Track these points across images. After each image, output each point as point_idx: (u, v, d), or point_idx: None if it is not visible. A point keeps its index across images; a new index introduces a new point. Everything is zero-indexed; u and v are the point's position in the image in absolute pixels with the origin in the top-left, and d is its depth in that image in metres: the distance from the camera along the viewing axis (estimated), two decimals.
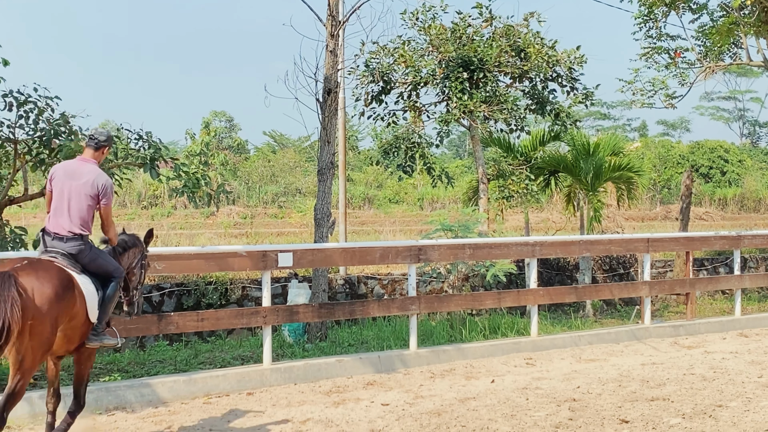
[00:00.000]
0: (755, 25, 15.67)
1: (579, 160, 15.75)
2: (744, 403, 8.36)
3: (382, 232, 24.73)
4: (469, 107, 13.64)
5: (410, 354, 10.48)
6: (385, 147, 14.84)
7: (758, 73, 76.99)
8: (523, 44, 14.23)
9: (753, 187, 48.48)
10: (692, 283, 13.91)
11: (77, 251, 6.62)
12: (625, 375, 9.81)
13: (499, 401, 8.48)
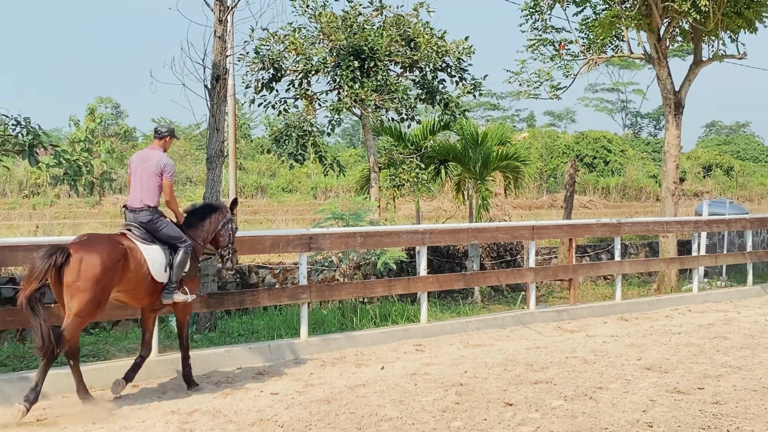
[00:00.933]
0: (636, 18, 16.20)
1: (468, 150, 16.03)
2: (623, 385, 8.68)
3: (275, 221, 24.64)
4: (361, 96, 13.70)
5: (301, 343, 10.50)
6: (276, 135, 14.78)
7: (640, 66, 79.59)
8: (413, 34, 14.38)
9: (634, 176, 50.18)
10: (575, 269, 14.36)
11: (147, 220, 8.25)
12: (511, 359, 10.07)
13: (388, 387, 8.60)
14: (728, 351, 10.53)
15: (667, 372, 9.30)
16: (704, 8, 14.84)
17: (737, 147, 75.16)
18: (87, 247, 7.62)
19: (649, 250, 19.72)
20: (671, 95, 16.75)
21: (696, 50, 17.24)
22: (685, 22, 16.94)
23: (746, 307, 14.85)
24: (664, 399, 8.06)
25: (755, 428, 7.03)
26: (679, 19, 16.41)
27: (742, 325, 12.65)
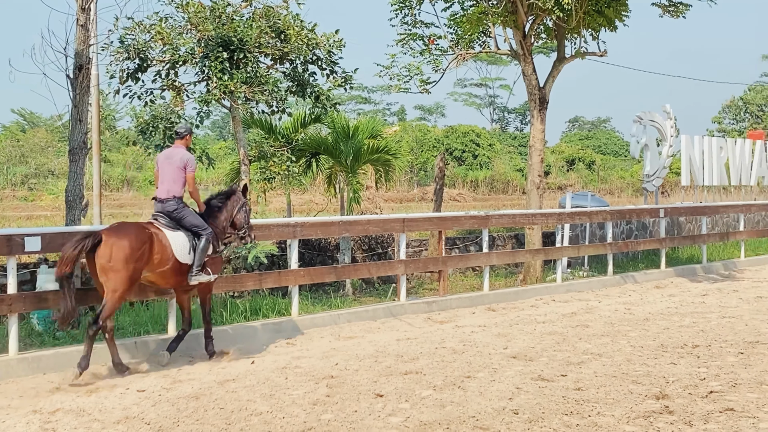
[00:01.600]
0: (502, 14, 16.54)
1: (339, 143, 16.05)
2: (490, 374, 8.87)
3: (143, 215, 24.05)
4: (230, 88, 13.50)
5: (168, 339, 10.28)
6: (143, 127, 14.38)
7: (507, 62, 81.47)
8: (283, 26, 14.25)
9: (502, 169, 51.32)
10: (444, 261, 14.57)
11: (173, 209, 9.49)
12: (381, 351, 10.14)
13: (258, 382, 8.52)
14: (590, 339, 10.90)
15: (532, 360, 9.55)
16: (567, 6, 15.27)
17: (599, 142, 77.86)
18: (117, 233, 8.88)
19: (516, 241, 20.22)
20: (536, 91, 17.19)
21: (559, 47, 17.74)
22: (549, 20, 17.41)
23: (607, 296, 15.40)
24: (529, 386, 8.27)
25: (615, 413, 7.29)
26: (543, 16, 16.84)
27: (603, 314, 13.11)
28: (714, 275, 18.79)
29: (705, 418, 7.07)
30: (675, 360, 9.49)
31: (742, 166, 25.54)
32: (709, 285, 16.89)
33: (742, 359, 9.49)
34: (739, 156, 25.41)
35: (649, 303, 14.37)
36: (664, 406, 7.46)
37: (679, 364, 9.24)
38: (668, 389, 8.09)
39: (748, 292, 15.57)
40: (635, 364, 9.30)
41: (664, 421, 7.01)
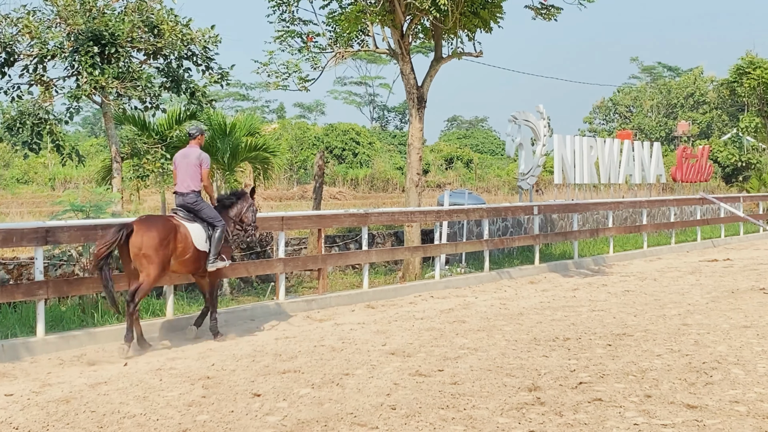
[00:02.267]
0: (380, 14, 16.63)
1: (216, 140, 15.82)
2: (369, 371, 8.91)
3: (9, 214, 23.18)
4: (101, 83, 13.16)
5: (37, 341, 9.96)
6: (9, 123, 13.88)
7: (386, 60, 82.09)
8: (157, 20, 13.97)
9: (382, 168, 51.65)
10: (324, 259, 14.57)
11: (192, 202, 10.67)
12: (259, 350, 10.06)
13: (131, 384, 8.33)
14: (466, 334, 11.08)
15: (410, 356, 9.64)
16: (444, 7, 15.46)
17: (476, 141, 79.37)
18: (146, 224, 10.14)
19: (395, 239, 20.36)
20: (414, 90, 17.36)
21: (437, 47, 17.96)
22: (426, 20, 17.60)
23: (483, 292, 15.70)
24: (406, 382, 8.34)
25: (489, 405, 7.43)
26: (420, 16, 17.01)
27: (479, 309, 13.35)
28: (585, 270, 19.39)
29: (574, 408, 7.28)
30: (547, 353, 9.74)
31: (611, 164, 26.42)
32: (580, 280, 17.42)
33: (610, 351, 9.81)
34: (608, 155, 26.28)
35: (523, 298, 14.71)
36: (536, 398, 7.65)
37: (550, 357, 9.49)
38: (540, 381, 8.30)
39: (616, 287, 16.12)
40: (509, 357, 9.51)
41: (535, 412, 7.19)
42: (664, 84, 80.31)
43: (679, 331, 11.06)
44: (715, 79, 70.64)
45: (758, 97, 41.36)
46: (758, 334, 10.65)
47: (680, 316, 12.32)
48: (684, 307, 13.15)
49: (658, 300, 14.10)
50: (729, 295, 14.46)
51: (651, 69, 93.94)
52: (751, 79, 40.56)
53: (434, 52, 18.07)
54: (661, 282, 16.74)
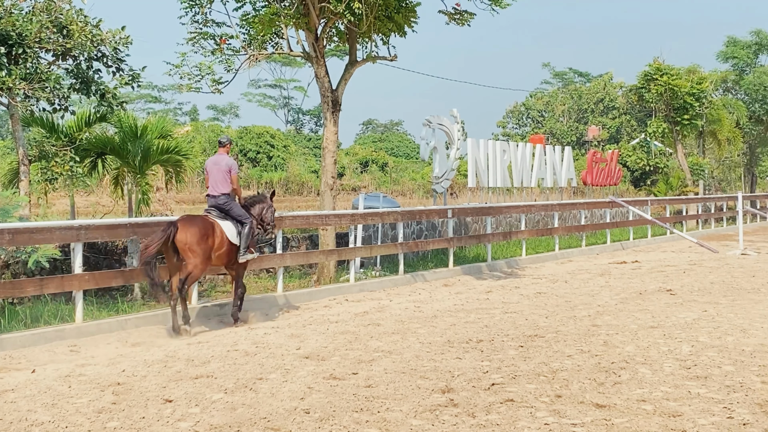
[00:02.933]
0: (295, 16, 16.57)
1: (127, 143, 15.55)
2: (283, 375, 8.87)
3: None
4: (8, 84, 12.81)
5: None
6: None
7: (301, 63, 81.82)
8: (66, 21, 13.66)
9: (297, 171, 51.44)
10: None
11: (223, 203, 12.26)
12: (171, 356, 9.92)
13: (40, 391, 8.12)
14: (381, 337, 11.11)
15: (325, 360, 9.63)
16: (358, 11, 15.50)
17: (391, 144, 79.71)
18: (189, 222, 11.74)
19: (310, 242, 20.30)
20: (329, 93, 17.35)
21: (351, 51, 17.99)
22: (341, 23, 17.61)
23: (398, 295, 15.77)
24: (321, 386, 8.33)
25: (403, 408, 7.47)
26: (335, 20, 17.02)
27: (394, 312, 13.41)
28: (498, 273, 19.65)
29: (487, 410, 7.37)
30: (460, 355, 9.84)
31: (523, 168, 26.86)
32: (494, 282, 17.65)
33: (522, 352, 9.96)
34: (521, 159, 26.71)
35: (437, 300, 14.83)
36: (449, 399, 7.72)
37: (464, 359, 9.59)
38: (453, 383, 8.38)
39: (528, 289, 16.38)
40: (423, 360, 9.57)
41: (449, 414, 7.25)
42: (575, 89, 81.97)
43: (589, 332, 11.29)
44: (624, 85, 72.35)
45: (665, 103, 42.52)
46: (665, 334, 10.94)
47: (590, 317, 12.58)
48: (594, 309, 13.43)
49: (569, 302, 14.37)
50: (637, 297, 14.82)
51: (562, 74, 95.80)
52: (658, 85, 41.69)
53: (349, 55, 18.10)
54: (572, 284, 17.07)
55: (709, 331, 11.17)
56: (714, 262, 21.53)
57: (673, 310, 13.14)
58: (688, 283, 16.79)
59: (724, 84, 51.62)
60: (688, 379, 8.42)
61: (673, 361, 9.26)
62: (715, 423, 6.84)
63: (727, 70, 52.20)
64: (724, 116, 45.87)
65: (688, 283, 16.79)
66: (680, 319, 12.15)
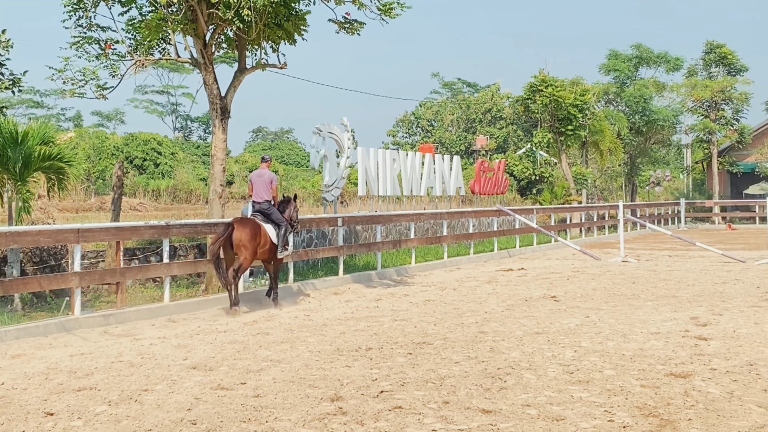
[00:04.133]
0: (182, 22, 16.33)
1: (7, 149, 15.04)
2: (169, 386, 8.72)
3: None
4: None
5: None
6: None
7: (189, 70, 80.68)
8: None
9: (185, 179, 50.61)
10: (122, 272, 14.14)
11: (266, 208, 15.26)
12: (53, 368, 9.63)
13: None
14: (270, 346, 11.04)
15: (212, 370, 9.51)
16: (247, 18, 15.40)
17: (282, 152, 79.32)
18: (243, 224, 14.60)
19: (199, 251, 20.01)
20: (218, 100, 17.16)
21: (240, 58, 17.84)
22: (230, 30, 17.44)
23: (287, 303, 15.69)
24: (208, 396, 8.22)
25: (291, 417, 7.44)
26: (224, 26, 16.84)
27: (283, 321, 13.35)
28: (388, 281, 19.79)
29: (376, 417, 7.41)
30: (350, 363, 9.86)
31: (413, 177, 27.12)
32: (383, 290, 17.76)
33: (410, 359, 10.05)
34: (410, 168, 26.97)
35: (327, 309, 14.83)
36: (338, 408, 7.73)
37: (353, 367, 9.62)
38: (342, 391, 8.39)
39: (417, 296, 16.54)
40: (312, 368, 9.56)
41: (337, 422, 7.26)
42: (464, 99, 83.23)
43: (476, 338, 11.47)
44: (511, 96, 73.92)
45: (550, 114, 43.60)
46: (549, 340, 11.21)
47: (477, 324, 12.78)
48: (481, 316, 13.66)
49: (457, 309, 14.58)
50: (523, 303, 15.14)
51: (451, 84, 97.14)
52: (543, 96, 42.74)
53: (238, 62, 17.94)
54: (460, 291, 17.32)
55: (591, 336, 11.50)
56: (596, 269, 22.18)
57: (557, 316, 13.48)
58: (572, 289, 17.25)
59: (606, 96, 53.31)
60: (570, 383, 8.64)
61: (557, 366, 9.49)
62: (596, 426, 7.04)
63: (608, 82, 53.93)
64: (606, 127, 47.33)
65: (572, 289, 17.25)
66: (564, 325, 12.47)
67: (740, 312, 13.59)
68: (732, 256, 24.35)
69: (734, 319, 12.78)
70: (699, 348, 10.51)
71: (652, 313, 13.69)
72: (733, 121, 58.74)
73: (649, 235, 39.56)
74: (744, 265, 22.38)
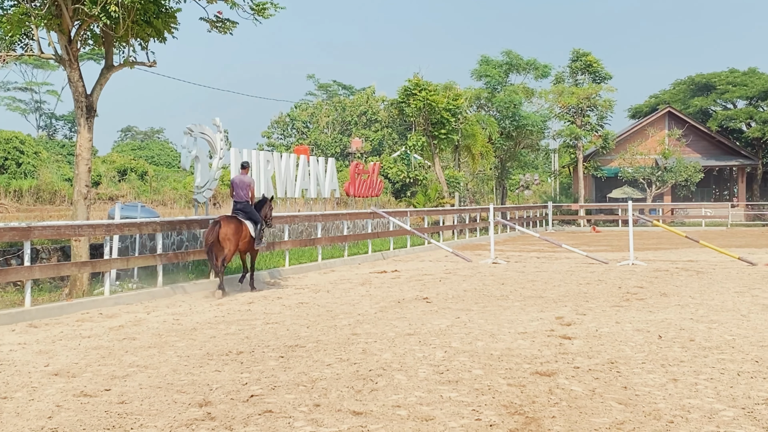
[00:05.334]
0: (46, 17, 15.78)
1: None
2: (29, 393, 8.36)
3: None
4: None
5: None
6: None
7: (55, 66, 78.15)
8: None
9: (49, 179, 48.91)
10: None
11: (243, 207, 17.68)
12: None
13: None
14: (137, 351, 10.73)
15: (76, 376, 9.17)
16: (114, 14, 14.98)
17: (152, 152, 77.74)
18: (228, 221, 17.07)
19: (62, 254, 19.35)
20: (83, 98, 16.62)
21: (108, 55, 17.35)
22: (96, 26, 16.93)
23: (156, 308, 15.32)
24: (70, 403, 7.91)
25: (158, 424, 7.22)
26: (90, 22, 16.35)
27: (151, 325, 13.01)
28: (260, 283, 19.56)
29: (245, 422, 7.27)
30: (220, 367, 9.67)
31: (287, 179, 26.95)
32: (256, 293, 17.54)
33: (282, 363, 9.93)
34: (285, 169, 26.78)
35: (197, 313, 14.54)
36: (206, 413, 7.55)
37: (223, 371, 9.43)
38: (212, 396, 8.21)
39: (290, 299, 16.41)
40: (181, 373, 9.33)
41: (205, 428, 7.09)
42: (339, 102, 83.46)
43: (349, 340, 11.44)
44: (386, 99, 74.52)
45: (424, 118, 44.17)
46: (420, 341, 11.28)
47: (350, 326, 12.76)
48: (354, 318, 13.65)
49: (330, 311, 14.52)
50: (396, 305, 15.21)
51: (327, 86, 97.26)
52: (417, 100, 43.25)
53: (105, 59, 17.45)
54: (334, 293, 17.28)
55: (461, 336, 11.63)
56: (468, 270, 22.52)
57: (429, 317, 13.59)
58: (444, 291, 17.45)
59: (478, 101, 54.43)
60: (440, 383, 8.70)
61: (428, 367, 9.55)
62: (464, 425, 7.10)
63: (480, 87, 55.07)
64: (477, 131, 48.27)
65: (444, 291, 17.45)
66: (435, 326, 12.57)
67: (602, 312, 14.01)
68: (596, 257, 25.13)
69: (597, 319, 13.17)
70: (563, 347, 10.76)
71: (520, 313, 13.97)
72: (597, 127, 60.96)
73: (519, 238, 40.50)
74: (607, 267, 23.13)
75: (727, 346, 10.69)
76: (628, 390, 8.34)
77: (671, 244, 34.00)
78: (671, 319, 13.02)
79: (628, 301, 15.33)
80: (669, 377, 8.89)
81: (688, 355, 10.09)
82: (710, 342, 10.98)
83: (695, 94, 69.87)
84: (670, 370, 9.27)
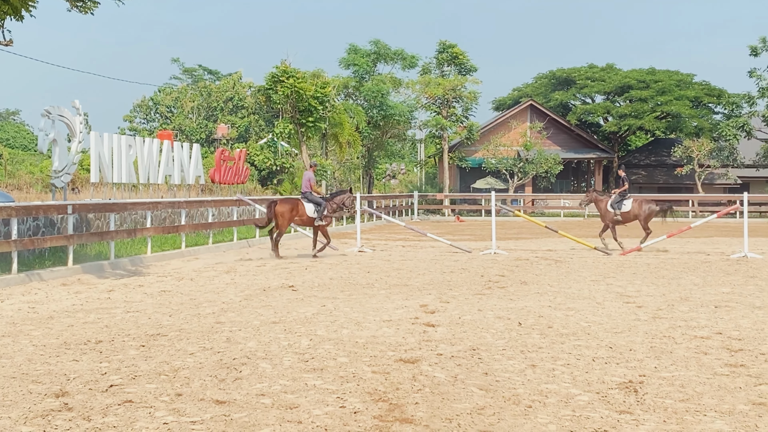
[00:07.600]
0: None
1: None
2: None
3: None
4: None
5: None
6: None
7: None
8: None
9: None
10: None
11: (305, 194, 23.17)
12: None
13: None
14: None
15: None
16: None
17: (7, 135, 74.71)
18: (283, 201, 22.97)
19: None
20: None
21: None
22: None
23: (10, 296, 14.76)
24: None
25: (12, 415, 6.96)
26: None
27: (5, 314, 12.53)
28: (121, 271, 19.12)
29: (104, 412, 7.10)
30: (78, 357, 9.40)
31: (150, 164, 26.39)
32: (116, 281, 17.12)
33: (143, 352, 9.74)
34: (147, 155, 26.21)
35: (54, 301, 14.09)
36: (63, 404, 7.33)
37: (81, 361, 9.18)
38: (69, 386, 7.98)
39: (153, 287, 16.09)
40: (36, 363, 9.02)
41: (62, 419, 6.88)
42: (205, 87, 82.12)
43: (213, 329, 11.32)
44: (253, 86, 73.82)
45: (291, 105, 43.98)
46: (285, 329, 11.26)
47: (214, 314, 12.62)
48: (218, 306, 13.50)
49: (194, 299, 14.32)
50: (261, 293, 15.13)
51: (192, 71, 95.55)
52: (284, 87, 43.03)
53: None
54: (198, 281, 17.04)
55: (326, 324, 11.67)
56: (334, 259, 22.61)
57: (295, 305, 13.58)
58: (309, 279, 17.46)
59: (346, 89, 54.60)
60: (305, 371, 8.71)
61: (293, 355, 9.55)
62: (328, 413, 7.14)
63: (348, 76, 55.24)
64: (345, 120, 48.44)
65: (309, 279, 17.46)
66: (300, 314, 12.58)
67: (465, 300, 14.32)
68: (460, 246, 25.64)
69: (460, 307, 13.45)
70: (427, 334, 10.95)
71: (385, 301, 14.12)
72: (463, 119, 62.17)
73: (385, 226, 40.89)
74: (470, 256, 23.63)
75: (583, 332, 11.11)
76: (489, 376, 8.56)
77: (532, 234, 35.03)
78: (531, 307, 13.43)
79: (490, 289, 15.72)
80: (528, 363, 9.18)
81: (546, 342, 10.43)
82: (567, 329, 11.38)
83: (556, 88, 72.11)
84: (529, 356, 9.57)
